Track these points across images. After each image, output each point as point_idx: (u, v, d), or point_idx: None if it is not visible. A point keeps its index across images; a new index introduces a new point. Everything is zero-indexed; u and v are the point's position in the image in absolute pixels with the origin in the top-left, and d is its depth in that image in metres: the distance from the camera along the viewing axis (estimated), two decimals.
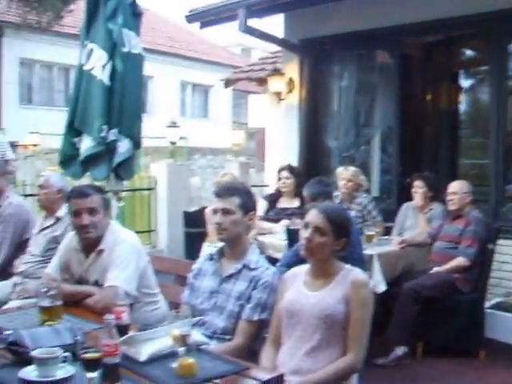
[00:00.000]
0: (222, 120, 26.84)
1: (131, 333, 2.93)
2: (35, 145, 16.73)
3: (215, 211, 3.67)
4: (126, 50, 5.24)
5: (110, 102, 5.20)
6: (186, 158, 16.17)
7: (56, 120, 16.26)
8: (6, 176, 5.97)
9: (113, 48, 5.20)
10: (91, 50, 5.26)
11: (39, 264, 5.23)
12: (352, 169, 7.23)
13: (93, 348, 2.53)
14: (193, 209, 8.65)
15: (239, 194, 3.67)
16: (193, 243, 7.29)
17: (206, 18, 8.78)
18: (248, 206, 3.67)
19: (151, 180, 9.91)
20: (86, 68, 5.28)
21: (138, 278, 3.90)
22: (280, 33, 9.15)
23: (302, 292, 3.33)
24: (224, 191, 3.72)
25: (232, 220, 3.60)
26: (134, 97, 5.44)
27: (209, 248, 6.37)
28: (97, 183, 5.29)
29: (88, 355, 2.49)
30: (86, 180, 7.02)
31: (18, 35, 20.25)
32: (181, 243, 8.48)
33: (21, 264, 5.37)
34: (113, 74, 5.19)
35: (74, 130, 5.37)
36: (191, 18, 8.85)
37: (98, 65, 5.19)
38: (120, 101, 5.23)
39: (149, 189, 9.98)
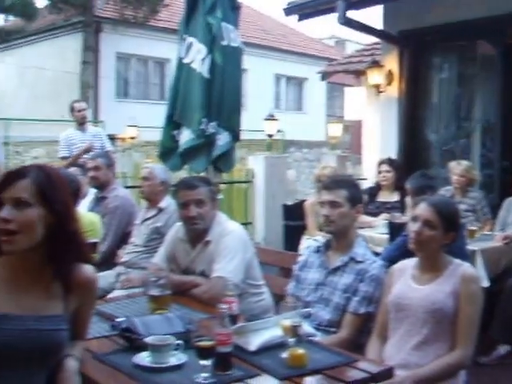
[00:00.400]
0: (316, 113, 26.75)
1: (240, 323, 2.96)
2: (133, 137, 17.04)
3: (322, 203, 3.67)
4: (225, 43, 5.28)
5: (209, 95, 5.25)
6: (282, 151, 16.21)
7: (151, 113, 16.63)
8: (112, 168, 6.07)
9: (212, 41, 5.25)
10: (191, 43, 5.33)
11: (142, 254, 5.34)
12: (465, 163, 7.08)
13: (206, 336, 2.57)
14: (292, 202, 8.66)
15: (347, 186, 3.67)
16: (292, 236, 7.30)
17: (304, 10, 8.78)
18: (355, 199, 3.66)
19: (249, 173, 9.96)
20: (185, 61, 5.36)
21: (244, 269, 3.92)
22: (379, 24, 9.07)
23: (410, 286, 3.30)
24: (332, 183, 3.71)
25: (339, 212, 3.60)
26: (233, 90, 5.48)
27: (308, 241, 6.40)
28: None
29: (202, 343, 2.53)
30: (183, 173, 7.12)
31: (115, 30, 20.74)
32: (277, 236, 8.50)
33: (124, 254, 5.48)
34: (212, 67, 5.24)
35: (173, 122, 5.45)
36: (289, 10, 8.86)
37: (198, 58, 5.26)
38: (219, 94, 5.28)
39: (246, 181, 10.05)
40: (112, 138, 12.55)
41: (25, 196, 2.36)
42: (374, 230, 6.40)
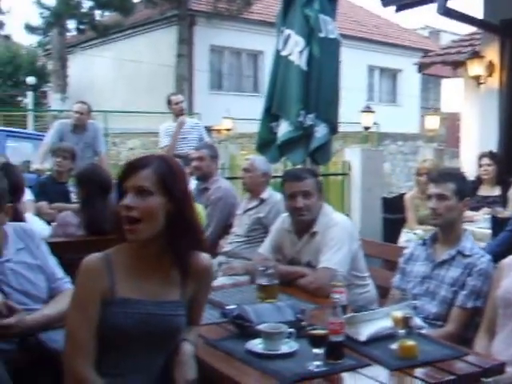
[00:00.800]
0: (410, 105, 26.36)
1: (349, 313, 2.99)
2: (228, 129, 17.20)
3: (430, 196, 3.66)
4: (322, 35, 5.30)
5: (307, 87, 5.28)
6: (377, 144, 16.07)
7: (244, 105, 16.74)
8: (215, 160, 6.16)
9: (310, 34, 5.28)
10: (288, 35, 5.37)
11: (243, 244, 5.44)
12: None
13: (319, 325, 2.61)
14: (387, 195, 8.60)
15: (455, 179, 3.64)
16: (390, 229, 7.28)
17: (402, 0, 8.68)
18: (463, 192, 3.63)
19: (345, 165, 9.92)
20: (283, 54, 5.41)
21: (350, 260, 3.94)
22: (478, 13, 8.87)
23: None
24: (439, 177, 3.69)
25: (447, 205, 3.57)
26: (331, 82, 5.49)
27: (407, 234, 6.36)
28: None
29: (315, 332, 2.58)
30: (280, 165, 7.14)
31: (209, 23, 21.01)
32: (374, 229, 8.46)
33: (226, 244, 5.59)
34: (310, 60, 5.27)
35: (271, 114, 5.51)
36: (387, 1, 8.77)
37: (296, 50, 5.30)
38: (317, 86, 5.30)
39: (342, 174, 10.02)
40: (208, 129, 12.74)
41: (147, 185, 2.45)
42: (475, 225, 6.28)
